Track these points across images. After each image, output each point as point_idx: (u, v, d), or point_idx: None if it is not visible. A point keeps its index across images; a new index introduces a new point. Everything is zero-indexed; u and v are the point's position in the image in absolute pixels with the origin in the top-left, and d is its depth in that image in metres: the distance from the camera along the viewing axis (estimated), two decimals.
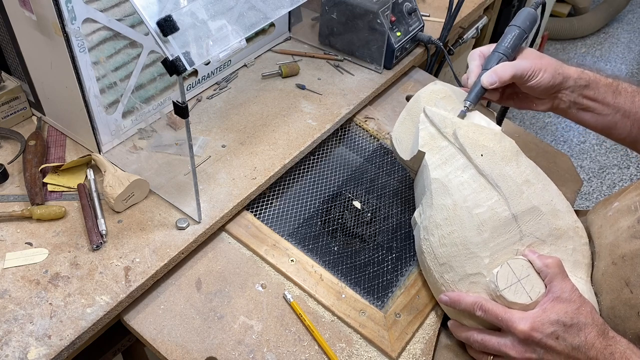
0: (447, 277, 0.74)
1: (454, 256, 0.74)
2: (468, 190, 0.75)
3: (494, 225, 0.73)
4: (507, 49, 0.83)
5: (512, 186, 0.75)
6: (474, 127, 0.81)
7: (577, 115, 0.85)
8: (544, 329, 0.64)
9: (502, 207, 0.73)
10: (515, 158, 0.78)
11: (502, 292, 0.69)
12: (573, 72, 0.82)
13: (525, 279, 0.69)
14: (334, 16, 1.13)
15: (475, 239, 0.73)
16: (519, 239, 0.73)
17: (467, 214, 0.74)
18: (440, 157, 0.79)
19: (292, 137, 0.97)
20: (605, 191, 2.25)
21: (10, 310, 0.69)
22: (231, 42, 0.69)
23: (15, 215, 0.79)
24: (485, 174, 0.76)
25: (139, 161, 0.90)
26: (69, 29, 0.74)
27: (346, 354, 0.73)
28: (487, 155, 0.77)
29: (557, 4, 3.01)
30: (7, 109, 0.92)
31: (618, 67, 2.96)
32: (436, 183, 0.77)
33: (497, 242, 0.72)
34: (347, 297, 0.79)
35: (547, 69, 0.80)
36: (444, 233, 0.75)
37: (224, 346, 0.72)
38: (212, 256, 0.82)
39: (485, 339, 0.69)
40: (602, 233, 0.72)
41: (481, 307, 0.69)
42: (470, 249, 0.72)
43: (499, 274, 0.70)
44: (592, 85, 0.82)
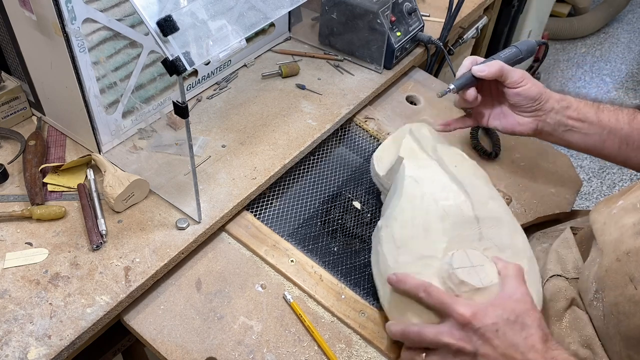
0: (402, 259, 0.73)
1: (413, 238, 0.74)
2: (438, 187, 0.78)
3: (456, 220, 0.74)
4: (501, 57, 0.89)
5: (479, 195, 0.77)
6: (454, 151, 0.86)
7: (563, 136, 0.87)
8: (485, 319, 0.63)
9: (467, 207, 0.75)
10: (484, 180, 0.82)
11: (455, 270, 0.68)
12: (555, 95, 0.85)
13: (480, 267, 0.69)
14: (334, 16, 1.13)
15: (437, 224, 0.74)
16: (478, 239, 0.74)
17: (434, 204, 0.76)
18: (417, 164, 0.83)
19: (292, 137, 0.97)
20: (605, 191, 2.25)
21: (10, 310, 0.69)
22: (231, 42, 0.69)
23: (15, 215, 0.80)
24: (457, 181, 0.79)
25: (139, 161, 0.90)
26: (69, 29, 0.74)
27: (346, 355, 0.73)
28: (460, 168, 0.82)
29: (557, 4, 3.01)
30: (7, 109, 0.92)
31: (618, 67, 2.96)
32: (409, 179, 0.80)
33: (457, 233, 0.74)
34: (347, 298, 0.79)
35: (534, 83, 0.85)
36: (407, 217, 0.76)
37: (224, 346, 0.72)
38: (212, 256, 0.82)
39: (422, 329, 0.67)
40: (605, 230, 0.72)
41: (426, 289, 0.67)
42: (430, 233, 0.73)
43: (455, 255, 0.70)
44: (573, 106, 0.85)
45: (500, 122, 0.90)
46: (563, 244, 0.81)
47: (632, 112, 0.85)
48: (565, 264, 0.78)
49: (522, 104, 0.86)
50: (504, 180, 0.99)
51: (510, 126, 0.89)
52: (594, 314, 0.71)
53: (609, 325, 0.68)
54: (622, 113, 0.84)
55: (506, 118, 0.89)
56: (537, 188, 0.99)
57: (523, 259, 0.74)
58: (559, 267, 0.78)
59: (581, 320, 0.72)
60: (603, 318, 0.69)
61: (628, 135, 0.83)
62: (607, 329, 0.68)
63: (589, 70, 2.94)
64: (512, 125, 0.89)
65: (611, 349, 0.68)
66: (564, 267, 0.78)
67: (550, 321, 0.74)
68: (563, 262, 0.78)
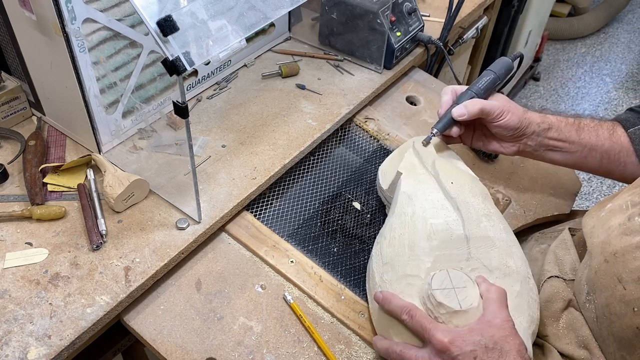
0: (386, 277, 0.73)
1: (398, 256, 0.74)
2: (430, 204, 0.77)
3: (444, 238, 0.73)
4: (480, 89, 0.87)
5: (472, 213, 0.77)
6: (452, 163, 0.87)
7: (545, 155, 0.88)
8: (463, 346, 0.62)
9: (457, 225, 0.75)
10: (482, 197, 0.81)
11: (432, 291, 0.67)
12: (536, 117, 0.86)
13: (461, 289, 0.68)
14: (334, 16, 1.13)
15: (422, 243, 0.73)
16: (466, 259, 0.73)
17: (422, 222, 0.75)
18: (415, 179, 0.83)
19: (292, 137, 0.97)
20: (605, 191, 2.25)
21: (10, 310, 0.69)
22: (231, 42, 0.69)
23: (15, 215, 0.80)
24: (451, 198, 0.78)
25: (139, 161, 0.90)
26: (69, 29, 0.74)
27: (345, 356, 0.73)
28: (456, 184, 0.81)
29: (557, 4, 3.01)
30: (7, 109, 0.92)
31: (618, 67, 2.96)
32: (403, 196, 0.80)
33: (444, 252, 0.73)
34: (347, 299, 0.79)
35: (514, 112, 0.84)
36: (395, 234, 0.76)
37: (224, 347, 0.72)
38: (212, 257, 0.82)
39: (404, 351, 0.67)
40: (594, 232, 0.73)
41: (409, 312, 0.67)
42: (415, 252, 0.73)
43: (436, 276, 0.69)
44: (554, 127, 0.86)
45: (483, 144, 0.91)
46: (561, 245, 0.81)
47: (611, 126, 0.86)
48: (563, 266, 0.78)
49: (503, 133, 0.86)
50: (504, 182, 0.99)
51: (493, 148, 0.90)
52: (587, 316, 0.71)
53: (602, 326, 0.68)
54: (602, 128, 0.86)
55: (489, 141, 0.90)
56: (536, 189, 0.99)
57: (515, 282, 0.73)
58: (556, 269, 0.78)
59: (578, 320, 0.72)
60: (596, 320, 0.69)
61: (609, 150, 0.85)
62: (601, 331, 0.68)
63: (589, 70, 2.94)
64: (495, 148, 0.90)
65: (606, 350, 0.68)
66: (561, 269, 0.78)
67: (547, 322, 0.74)
68: (561, 264, 0.78)
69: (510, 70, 0.92)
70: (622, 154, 0.84)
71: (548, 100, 2.72)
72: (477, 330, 0.64)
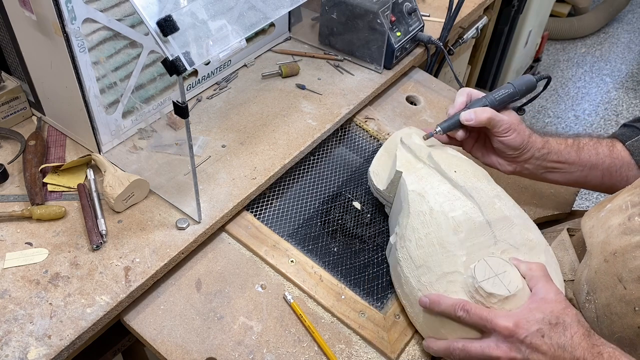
0: (424, 279, 0.73)
1: (431, 256, 0.74)
2: (443, 198, 0.78)
3: (469, 228, 0.74)
4: (494, 100, 0.86)
5: (484, 197, 0.77)
6: (447, 152, 0.87)
7: (545, 176, 0.88)
8: (529, 327, 0.64)
9: (476, 213, 0.75)
10: (485, 179, 0.82)
11: (480, 284, 0.68)
12: (538, 142, 0.86)
13: (503, 274, 0.69)
14: (334, 16, 1.13)
15: (451, 238, 0.73)
16: (494, 243, 0.74)
17: (444, 217, 0.75)
18: (417, 175, 0.83)
19: (292, 137, 0.97)
20: None
21: (10, 310, 0.69)
22: (231, 42, 0.69)
23: (15, 215, 0.80)
24: (459, 186, 0.79)
25: (139, 161, 0.90)
26: (69, 29, 0.74)
27: (345, 355, 0.73)
28: (460, 172, 0.81)
29: (557, 4, 3.01)
30: (7, 109, 0.92)
31: (618, 67, 2.96)
32: (413, 194, 0.79)
33: (473, 242, 0.73)
34: (347, 298, 0.79)
35: (520, 132, 0.84)
36: (420, 235, 0.76)
37: (224, 347, 0.72)
38: (212, 257, 0.82)
39: (467, 345, 0.67)
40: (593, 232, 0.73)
41: (463, 307, 0.67)
42: (447, 248, 0.73)
43: (477, 267, 0.70)
44: (554, 151, 0.86)
45: (482, 155, 0.91)
46: (560, 246, 0.81)
47: (610, 143, 0.86)
48: (562, 266, 0.78)
49: (503, 150, 0.86)
50: (504, 181, 0.99)
51: (491, 162, 0.90)
52: (587, 316, 0.71)
53: (603, 326, 0.68)
54: (602, 146, 0.86)
55: (488, 154, 0.90)
56: (536, 189, 0.99)
57: (540, 253, 0.74)
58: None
59: None
60: (596, 319, 0.69)
61: (610, 167, 0.85)
62: (601, 330, 0.68)
63: (589, 70, 2.94)
64: (492, 163, 0.90)
65: None
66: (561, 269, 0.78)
67: None
68: (560, 264, 0.78)
69: (532, 89, 0.91)
70: (624, 168, 0.84)
71: (548, 100, 2.72)
72: (536, 309, 0.65)
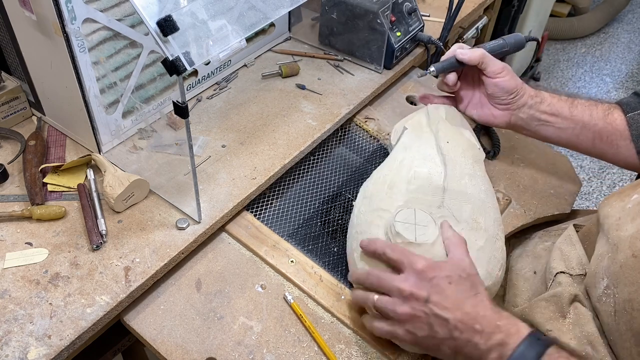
0: (363, 208, 0.80)
1: (378, 192, 0.80)
2: (421, 155, 0.84)
3: (423, 184, 0.79)
4: (486, 47, 0.94)
5: (456, 170, 0.81)
6: (456, 130, 0.90)
7: (537, 130, 0.90)
8: (439, 272, 0.67)
9: (438, 177, 0.80)
10: (473, 160, 0.84)
11: (395, 222, 0.73)
12: (531, 90, 0.90)
13: (421, 227, 0.73)
14: (334, 16, 1.13)
15: (402, 185, 0.79)
16: (437, 207, 0.77)
17: (408, 168, 0.82)
18: (416, 135, 0.90)
19: (292, 137, 0.97)
20: (605, 191, 2.25)
21: (10, 310, 0.69)
22: (231, 42, 0.69)
23: (15, 215, 0.80)
24: (442, 154, 0.84)
25: (139, 161, 0.90)
26: (69, 29, 0.74)
27: (345, 355, 0.73)
28: (451, 144, 0.86)
29: (557, 4, 3.01)
30: (7, 109, 0.92)
31: (618, 67, 2.96)
32: (400, 145, 0.88)
33: (418, 196, 0.78)
34: (347, 298, 0.79)
35: (513, 76, 0.89)
36: (380, 175, 0.83)
37: (224, 347, 0.72)
38: (212, 257, 0.82)
39: (382, 274, 0.70)
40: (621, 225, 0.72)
41: (391, 246, 0.71)
42: (393, 190, 0.79)
43: (402, 211, 0.75)
44: (546, 101, 0.88)
45: (477, 111, 0.94)
46: (566, 241, 0.81)
47: (607, 108, 0.87)
48: (570, 261, 0.78)
49: (498, 95, 0.89)
50: (504, 181, 0.99)
51: (486, 117, 0.93)
52: (603, 310, 0.70)
53: (620, 321, 0.68)
54: (597, 108, 0.86)
55: (482, 108, 0.94)
56: (536, 189, 0.99)
57: (481, 237, 0.76)
58: (562, 264, 0.78)
59: (584, 317, 0.72)
60: (614, 314, 0.69)
61: (602, 130, 0.85)
62: (618, 325, 0.68)
63: (589, 70, 2.94)
64: (487, 117, 0.93)
65: (621, 345, 0.67)
66: (568, 264, 0.78)
67: (552, 317, 0.74)
68: (567, 259, 0.78)
69: (520, 47, 0.96)
70: (615, 136, 0.85)
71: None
72: (450, 265, 0.69)
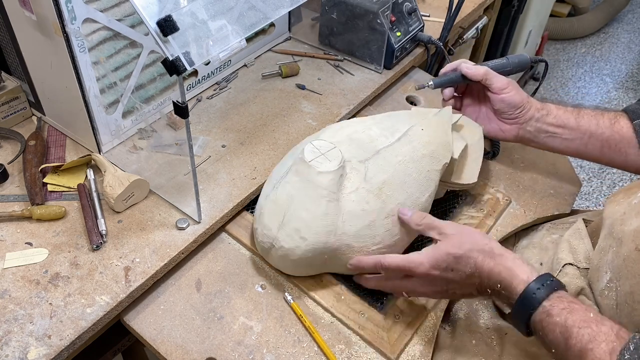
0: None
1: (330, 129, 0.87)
2: (391, 124, 0.86)
3: (365, 140, 0.82)
4: (488, 65, 0.95)
5: (402, 149, 0.81)
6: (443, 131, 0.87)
7: (545, 142, 0.91)
8: (439, 265, 0.70)
9: (383, 143, 0.82)
10: (429, 158, 0.83)
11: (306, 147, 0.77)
12: (537, 103, 0.90)
13: (328, 160, 0.76)
14: (334, 16, 1.13)
15: (348, 131, 0.84)
16: (359, 160, 0.79)
17: (368, 125, 0.86)
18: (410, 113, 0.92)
19: (292, 137, 0.97)
20: (605, 191, 2.25)
21: (10, 310, 0.69)
22: (231, 42, 0.69)
23: (15, 215, 0.80)
24: (407, 133, 0.84)
25: (139, 161, 0.90)
26: (69, 29, 0.74)
27: (345, 355, 0.73)
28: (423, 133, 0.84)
29: (557, 4, 3.01)
30: (7, 109, 0.92)
31: (618, 67, 2.96)
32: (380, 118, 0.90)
33: (352, 145, 0.81)
34: (347, 299, 0.79)
35: (518, 91, 0.90)
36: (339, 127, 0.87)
37: (224, 347, 0.72)
38: (212, 257, 0.82)
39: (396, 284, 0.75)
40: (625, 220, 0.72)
41: (382, 264, 0.73)
42: (339, 132, 0.84)
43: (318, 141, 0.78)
44: (552, 113, 0.89)
45: (485, 126, 0.95)
46: (575, 235, 0.81)
47: (614, 116, 0.87)
48: (577, 254, 0.78)
49: (504, 110, 0.90)
50: (504, 182, 0.99)
51: (494, 131, 0.94)
52: (605, 303, 0.70)
53: (622, 314, 0.68)
54: (604, 117, 0.87)
55: (490, 123, 0.94)
56: (536, 189, 0.99)
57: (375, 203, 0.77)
58: (570, 256, 0.78)
59: None
60: (616, 307, 0.69)
61: (609, 139, 0.86)
62: (620, 318, 0.68)
63: (589, 70, 2.94)
64: (496, 131, 0.93)
65: None
66: (575, 257, 0.78)
67: None
68: (575, 252, 0.79)
69: (524, 67, 0.97)
70: (623, 144, 0.85)
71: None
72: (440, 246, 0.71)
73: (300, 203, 0.74)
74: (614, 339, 0.57)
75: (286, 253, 0.74)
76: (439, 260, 0.70)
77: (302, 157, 0.76)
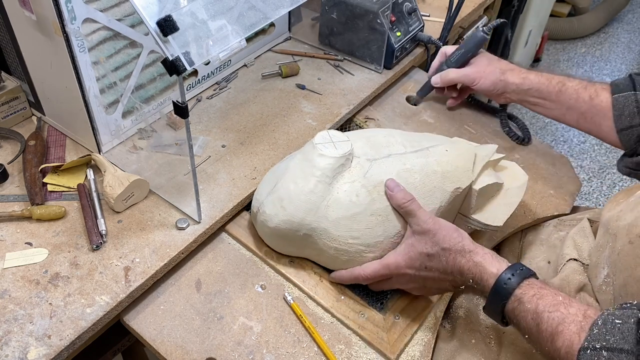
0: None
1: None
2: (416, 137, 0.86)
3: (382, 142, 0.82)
4: (451, 62, 1.06)
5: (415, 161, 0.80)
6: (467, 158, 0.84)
7: (530, 107, 1.00)
8: (414, 264, 0.73)
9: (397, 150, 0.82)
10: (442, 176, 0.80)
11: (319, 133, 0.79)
12: (515, 79, 0.97)
13: (339, 143, 0.79)
14: (334, 16, 1.13)
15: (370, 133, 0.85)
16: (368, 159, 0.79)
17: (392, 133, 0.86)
18: (453, 142, 0.89)
19: (292, 137, 0.97)
20: (605, 191, 2.25)
21: (10, 310, 0.69)
22: (231, 42, 0.69)
23: (15, 215, 0.80)
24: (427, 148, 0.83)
25: (139, 161, 0.90)
26: (69, 29, 0.74)
27: (345, 356, 0.73)
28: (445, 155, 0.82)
29: (557, 4, 3.01)
30: (7, 109, 0.92)
31: (618, 67, 2.96)
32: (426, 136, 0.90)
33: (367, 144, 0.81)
34: (347, 299, 0.79)
35: (488, 76, 0.99)
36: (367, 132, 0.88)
37: (224, 347, 0.72)
38: (211, 257, 0.82)
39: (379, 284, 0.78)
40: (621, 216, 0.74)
41: (363, 277, 0.76)
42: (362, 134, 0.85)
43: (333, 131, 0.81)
44: (534, 87, 0.96)
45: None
46: (580, 233, 0.83)
47: (595, 91, 0.91)
48: (582, 251, 0.80)
49: (485, 94, 1.02)
50: None
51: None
52: (603, 299, 0.71)
53: None
54: (586, 91, 0.92)
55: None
56: (536, 189, 0.99)
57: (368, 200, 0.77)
58: (575, 252, 0.80)
59: None
60: (613, 301, 0.70)
61: (586, 112, 0.92)
62: None
63: (589, 70, 2.94)
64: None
65: None
66: (580, 254, 0.79)
67: None
68: (579, 249, 0.80)
69: (481, 45, 1.03)
70: (599, 116, 0.90)
71: None
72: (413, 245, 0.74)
73: (292, 176, 0.77)
74: (582, 319, 0.59)
75: (265, 219, 0.77)
76: (413, 259, 0.73)
77: (312, 140, 0.79)
